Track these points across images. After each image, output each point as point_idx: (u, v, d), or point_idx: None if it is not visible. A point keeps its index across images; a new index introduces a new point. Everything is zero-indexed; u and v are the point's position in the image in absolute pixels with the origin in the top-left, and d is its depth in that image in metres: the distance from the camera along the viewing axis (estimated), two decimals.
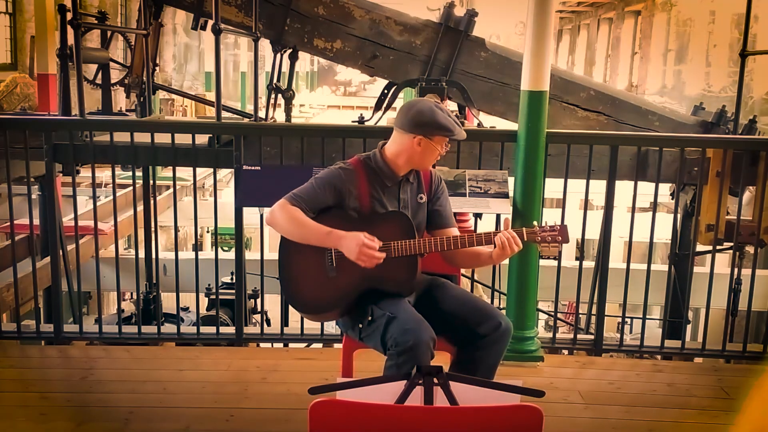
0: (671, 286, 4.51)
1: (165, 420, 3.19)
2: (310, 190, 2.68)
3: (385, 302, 2.61)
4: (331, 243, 2.61)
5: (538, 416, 1.80)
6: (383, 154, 2.76)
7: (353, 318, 2.71)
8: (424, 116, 2.67)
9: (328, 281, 2.66)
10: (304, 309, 2.81)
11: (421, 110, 2.69)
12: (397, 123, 2.73)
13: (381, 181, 2.74)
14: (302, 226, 2.62)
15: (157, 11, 5.98)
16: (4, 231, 8.39)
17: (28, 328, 4.20)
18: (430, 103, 2.73)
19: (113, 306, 9.91)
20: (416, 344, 2.44)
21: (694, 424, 3.29)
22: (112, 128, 4.20)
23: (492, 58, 5.59)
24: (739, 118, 5.18)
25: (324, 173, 2.74)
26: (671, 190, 5.38)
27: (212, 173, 6.31)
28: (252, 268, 4.65)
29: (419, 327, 2.49)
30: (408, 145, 2.69)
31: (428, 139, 2.67)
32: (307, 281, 2.70)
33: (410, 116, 2.69)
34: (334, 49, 5.65)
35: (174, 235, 4.37)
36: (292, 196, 2.66)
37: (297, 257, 2.70)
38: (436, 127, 2.66)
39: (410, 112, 2.71)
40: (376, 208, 2.70)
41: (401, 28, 5.59)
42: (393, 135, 2.75)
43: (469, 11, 5.61)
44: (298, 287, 2.73)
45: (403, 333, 2.47)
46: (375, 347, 2.66)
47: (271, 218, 2.67)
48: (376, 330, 2.59)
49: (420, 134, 2.66)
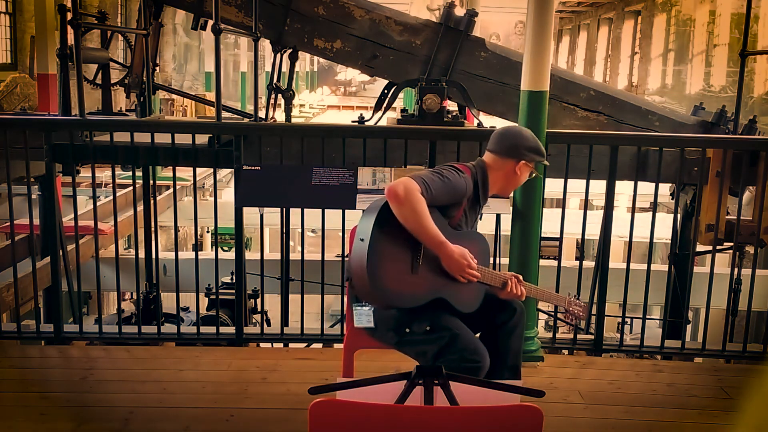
0: (671, 286, 4.51)
1: (165, 420, 3.19)
2: (440, 188, 2.61)
3: (445, 317, 2.63)
4: (440, 252, 2.58)
5: (538, 416, 1.80)
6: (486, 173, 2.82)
7: (400, 321, 2.64)
8: (528, 141, 2.83)
9: (410, 277, 2.59)
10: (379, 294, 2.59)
11: (524, 136, 2.84)
12: (497, 148, 2.82)
13: (477, 198, 2.81)
14: (423, 222, 2.52)
15: (157, 11, 5.97)
16: (4, 231, 8.39)
17: (28, 328, 4.20)
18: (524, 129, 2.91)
19: (113, 306, 9.90)
20: (484, 366, 2.56)
21: (694, 424, 3.29)
22: (112, 128, 4.20)
23: (492, 58, 5.58)
24: (739, 118, 5.18)
25: (453, 177, 2.67)
26: (671, 190, 5.38)
27: (212, 173, 6.31)
28: (252, 268, 4.65)
29: (484, 350, 2.59)
30: (509, 170, 2.81)
31: (528, 164, 2.81)
32: (390, 268, 2.57)
33: (513, 142, 2.81)
34: (334, 49, 5.64)
35: (174, 235, 4.37)
36: (424, 186, 2.55)
37: (388, 241, 2.57)
38: (537, 152, 2.82)
39: (511, 137, 2.83)
40: (461, 222, 2.75)
41: (401, 28, 5.58)
42: (489, 161, 2.83)
43: (469, 11, 5.60)
44: (381, 270, 2.56)
45: (473, 352, 2.55)
46: (416, 354, 2.67)
47: (394, 191, 2.51)
48: (430, 341, 2.60)
49: (524, 159, 2.79)
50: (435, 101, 4.92)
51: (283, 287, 4.57)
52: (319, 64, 39.30)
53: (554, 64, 6.61)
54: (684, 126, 5.71)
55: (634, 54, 20.11)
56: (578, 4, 24.28)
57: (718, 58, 15.05)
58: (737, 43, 13.01)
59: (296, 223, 4.38)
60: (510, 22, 28.44)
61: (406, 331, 2.64)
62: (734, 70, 13.28)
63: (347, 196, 3.80)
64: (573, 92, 5.61)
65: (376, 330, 2.73)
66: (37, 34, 9.45)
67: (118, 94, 8.16)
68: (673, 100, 15.97)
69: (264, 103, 6.31)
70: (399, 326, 2.66)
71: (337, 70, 42.26)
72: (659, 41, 18.15)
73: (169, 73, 20.90)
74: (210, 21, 5.17)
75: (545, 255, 6.68)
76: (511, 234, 3.84)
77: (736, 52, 9.90)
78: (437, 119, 4.92)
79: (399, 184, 2.51)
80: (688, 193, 5.35)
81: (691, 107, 6.46)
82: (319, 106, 28.85)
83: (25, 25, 13.31)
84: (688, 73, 16.53)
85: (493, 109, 5.70)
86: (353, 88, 42.93)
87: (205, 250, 13.23)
